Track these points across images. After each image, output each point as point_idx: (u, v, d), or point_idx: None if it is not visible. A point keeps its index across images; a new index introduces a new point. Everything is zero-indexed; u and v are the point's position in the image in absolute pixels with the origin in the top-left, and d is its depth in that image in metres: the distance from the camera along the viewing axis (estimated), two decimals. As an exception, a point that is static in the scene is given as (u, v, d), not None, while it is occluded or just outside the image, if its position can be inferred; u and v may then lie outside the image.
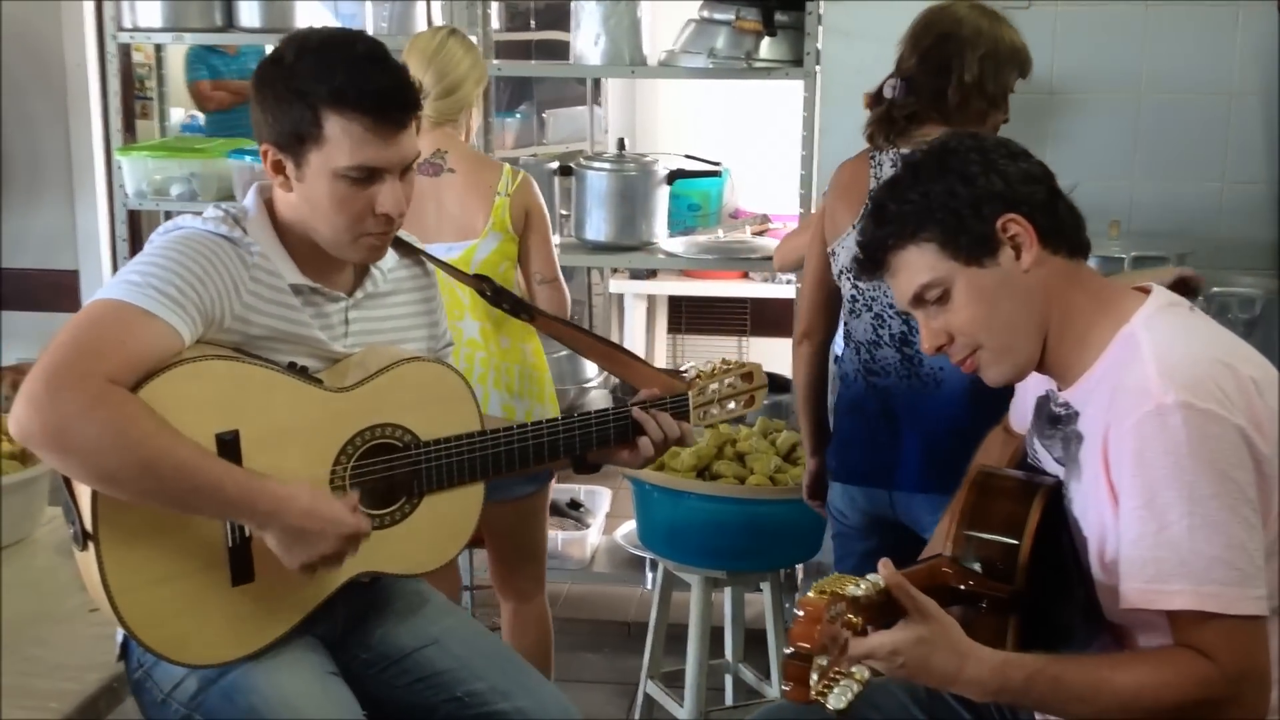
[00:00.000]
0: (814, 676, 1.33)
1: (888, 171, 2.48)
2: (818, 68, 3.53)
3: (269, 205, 1.86)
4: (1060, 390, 1.70)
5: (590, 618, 3.88)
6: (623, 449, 2.02)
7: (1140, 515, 1.50)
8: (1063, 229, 1.66)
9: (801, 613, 1.34)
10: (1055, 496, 1.70)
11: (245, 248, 1.79)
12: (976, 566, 1.62)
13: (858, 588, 1.39)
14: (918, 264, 1.66)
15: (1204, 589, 1.47)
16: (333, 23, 3.98)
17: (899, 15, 3.49)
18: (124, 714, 1.95)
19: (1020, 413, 1.95)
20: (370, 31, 3.96)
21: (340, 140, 1.76)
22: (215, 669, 1.79)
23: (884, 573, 1.45)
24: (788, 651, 1.33)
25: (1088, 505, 1.63)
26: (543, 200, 2.88)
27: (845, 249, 2.51)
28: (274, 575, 1.76)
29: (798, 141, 3.57)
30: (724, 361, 2.14)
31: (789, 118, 3.78)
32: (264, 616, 1.79)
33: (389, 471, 1.85)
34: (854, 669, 1.38)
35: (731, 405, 2.13)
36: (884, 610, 1.46)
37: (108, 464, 1.60)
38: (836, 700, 1.35)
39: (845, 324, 2.58)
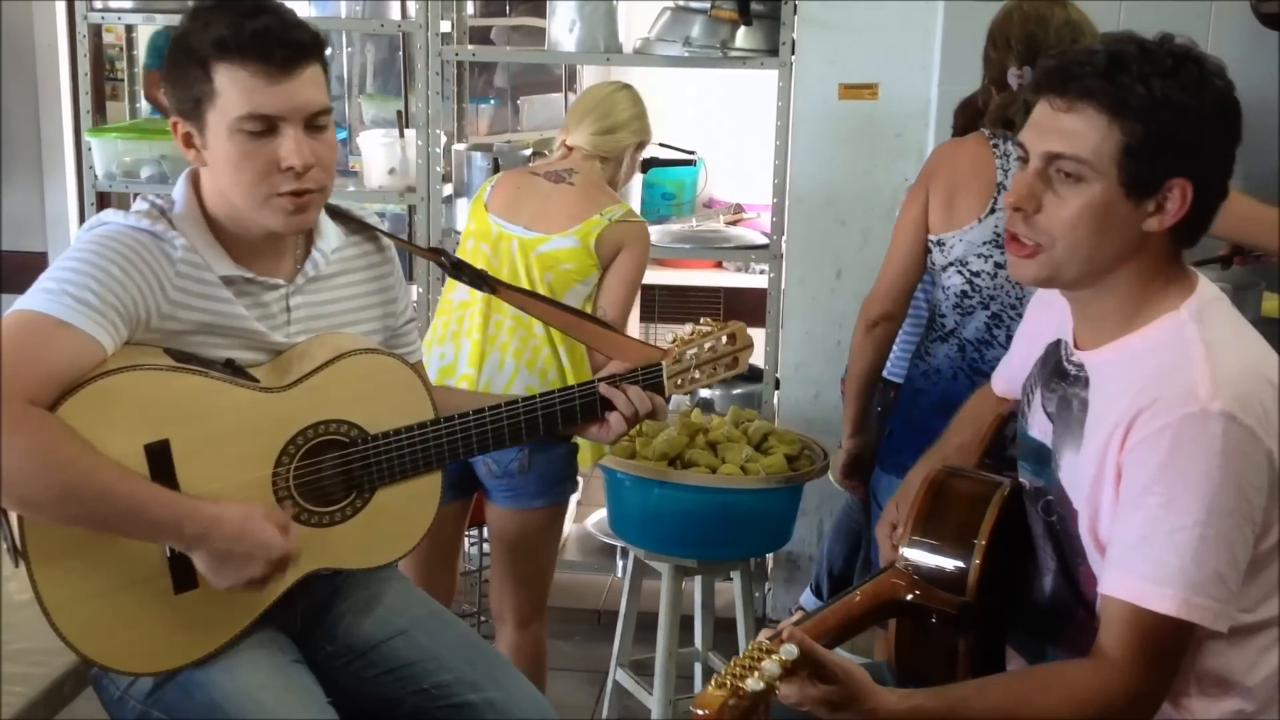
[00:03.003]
0: None
1: (1015, 162, 2.38)
2: (793, 58, 3.54)
3: (199, 194, 1.82)
4: (1078, 348, 1.67)
5: (560, 605, 3.88)
6: (592, 425, 1.96)
7: (1156, 514, 1.48)
8: (1197, 223, 1.58)
9: (699, 713, 1.31)
10: (1014, 499, 1.70)
11: (169, 242, 1.74)
12: (927, 579, 1.62)
13: (759, 680, 1.35)
14: (1090, 137, 1.52)
15: (1194, 599, 1.47)
16: (308, 8, 3.95)
17: (874, 7, 3.52)
18: (90, 695, 1.93)
19: (1008, 377, 1.91)
20: (343, 16, 3.94)
21: (230, 91, 1.72)
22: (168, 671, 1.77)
23: (798, 652, 1.42)
24: None
25: (1082, 479, 1.60)
26: (645, 253, 2.89)
27: (964, 242, 2.44)
28: None
29: (772, 131, 3.58)
30: (704, 323, 2.02)
31: (763, 107, 3.78)
32: (212, 621, 1.77)
33: (335, 469, 1.81)
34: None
35: (713, 369, 2.02)
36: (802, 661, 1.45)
37: (27, 491, 1.57)
38: None
39: (941, 316, 2.51)
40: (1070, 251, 1.56)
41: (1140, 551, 1.50)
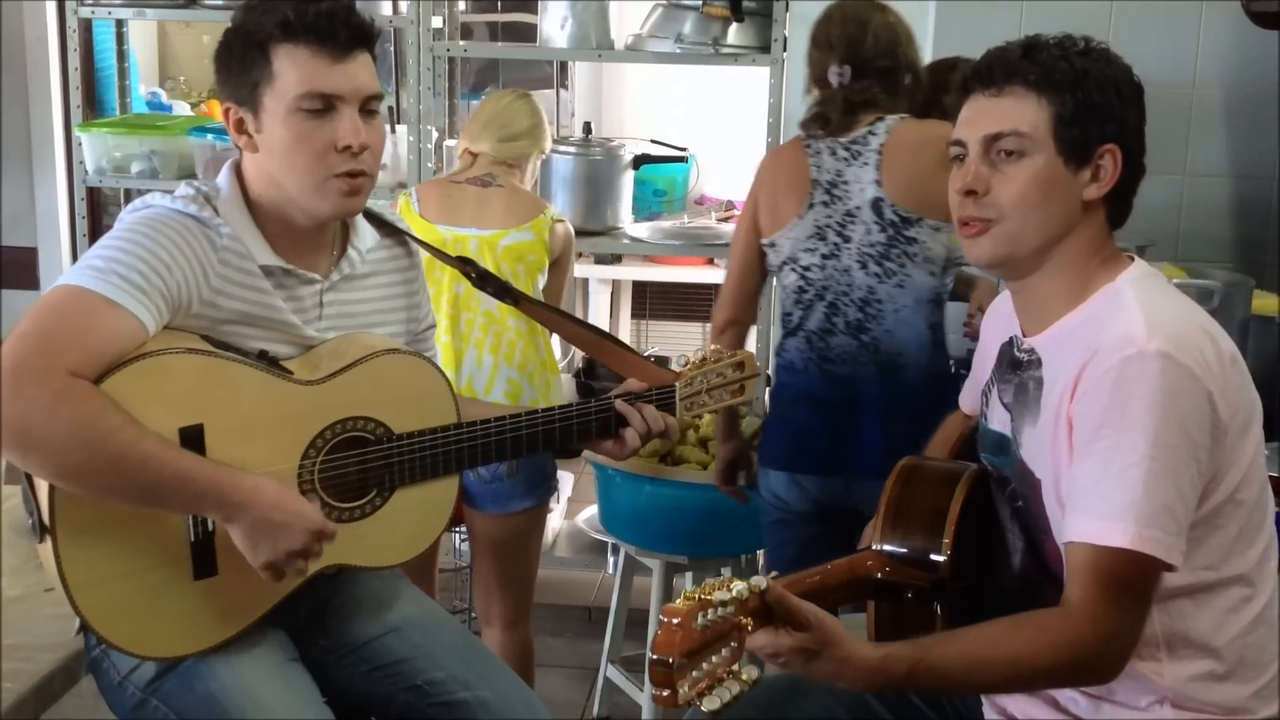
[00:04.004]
0: (684, 687, 1.30)
1: (827, 160, 2.53)
2: (784, 55, 3.53)
3: (242, 183, 1.83)
4: (1026, 336, 1.73)
5: (551, 602, 3.89)
6: (605, 440, 2.00)
7: (1106, 456, 1.53)
8: (1127, 197, 1.68)
9: (666, 620, 1.31)
10: (980, 481, 1.74)
11: (214, 229, 1.75)
12: (900, 558, 1.65)
13: (729, 592, 1.35)
14: (1025, 113, 1.64)
15: (1146, 532, 1.50)
16: None
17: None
18: (80, 693, 1.93)
19: (972, 393, 1.97)
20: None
21: (289, 71, 1.74)
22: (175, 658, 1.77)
23: (768, 584, 1.42)
24: (650, 658, 1.31)
25: (1041, 448, 1.65)
26: (573, 256, 3.03)
27: (790, 239, 2.53)
28: (237, 569, 1.74)
29: (764, 128, 3.58)
30: (714, 351, 2.11)
31: (755, 104, 3.78)
32: (226, 611, 1.77)
33: (359, 465, 1.83)
34: (742, 670, 1.36)
35: (721, 395, 2.11)
36: (770, 612, 1.44)
37: (72, 460, 1.57)
38: (710, 703, 1.33)
39: (787, 313, 2.58)
40: (1022, 223, 1.65)
41: (1093, 494, 1.54)
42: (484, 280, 2.20)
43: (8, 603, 2.00)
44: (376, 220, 1.98)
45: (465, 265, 2.23)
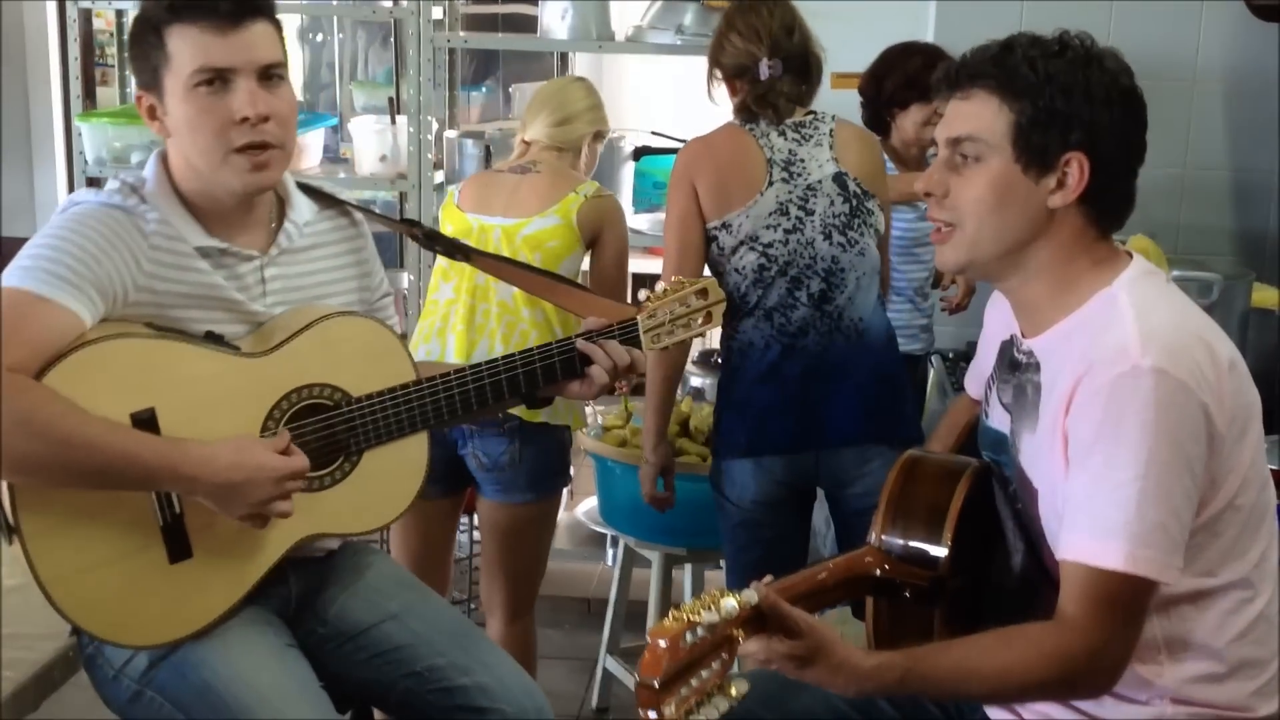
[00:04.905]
0: (669, 707, 1.29)
1: (777, 140, 2.56)
2: (785, 47, 3.53)
3: (169, 170, 1.84)
4: (1025, 337, 1.72)
5: (550, 594, 3.88)
6: (572, 382, 1.97)
7: (1099, 473, 1.52)
8: (1109, 202, 1.65)
9: (653, 641, 1.30)
10: (982, 477, 1.73)
11: (140, 216, 1.76)
12: (899, 554, 1.64)
13: (715, 612, 1.33)
14: (984, 118, 1.63)
15: (1139, 552, 1.50)
16: (298, -8, 3.94)
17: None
18: (80, 684, 1.93)
19: (977, 379, 1.96)
20: (335, 3, 3.93)
21: (182, 51, 1.75)
22: (166, 645, 1.77)
23: (760, 592, 1.42)
24: (635, 680, 1.30)
25: (1040, 456, 1.65)
26: (625, 227, 2.89)
27: (750, 218, 2.52)
28: (213, 550, 1.75)
29: (764, 120, 3.57)
30: (676, 280, 2.05)
31: (756, 96, 3.77)
32: (207, 592, 1.77)
33: (321, 432, 1.82)
34: (732, 684, 1.36)
35: (687, 325, 2.04)
36: (761, 622, 1.43)
37: (18, 453, 1.58)
38: None
39: (742, 295, 2.56)
40: (979, 229, 1.64)
41: (1087, 512, 1.53)
42: (431, 239, 2.19)
43: (7, 592, 2.00)
44: (314, 193, 1.98)
45: (410, 226, 2.21)
